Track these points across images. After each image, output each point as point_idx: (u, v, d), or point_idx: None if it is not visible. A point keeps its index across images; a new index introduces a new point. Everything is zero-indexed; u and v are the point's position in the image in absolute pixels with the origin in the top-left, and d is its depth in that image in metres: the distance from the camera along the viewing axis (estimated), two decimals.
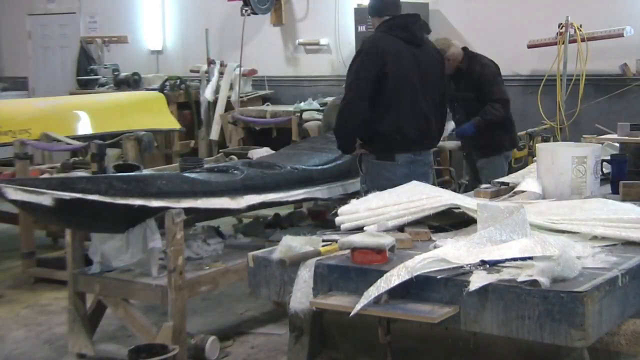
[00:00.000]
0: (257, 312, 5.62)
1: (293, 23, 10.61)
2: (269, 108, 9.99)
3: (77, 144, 7.15)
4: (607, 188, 4.39)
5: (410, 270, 2.87)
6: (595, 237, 3.34)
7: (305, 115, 8.93)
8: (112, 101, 8.92)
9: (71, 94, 11.11)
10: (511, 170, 6.56)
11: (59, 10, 12.84)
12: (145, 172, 5.65)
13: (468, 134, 6.49)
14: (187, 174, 4.97)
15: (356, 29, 9.36)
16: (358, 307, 2.86)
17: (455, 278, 2.86)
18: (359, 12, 9.37)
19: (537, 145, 4.53)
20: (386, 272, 2.92)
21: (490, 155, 6.55)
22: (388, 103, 5.02)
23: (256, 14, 10.09)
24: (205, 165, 5.70)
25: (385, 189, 3.93)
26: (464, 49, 6.65)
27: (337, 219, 3.73)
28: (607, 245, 3.27)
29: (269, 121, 9.40)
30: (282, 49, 10.76)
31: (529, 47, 8.40)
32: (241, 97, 10.16)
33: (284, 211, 6.36)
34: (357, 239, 3.18)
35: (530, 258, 2.87)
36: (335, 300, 3.02)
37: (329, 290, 3.11)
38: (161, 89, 10.02)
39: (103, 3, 12.33)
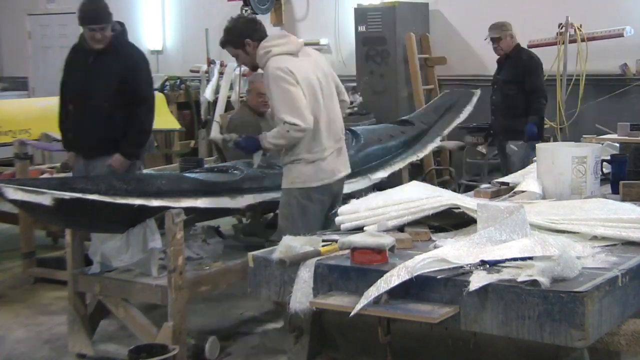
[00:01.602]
0: (257, 312, 5.62)
1: (293, 23, 10.61)
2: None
3: None
4: (607, 188, 4.38)
5: (410, 270, 2.87)
6: (595, 237, 3.34)
7: None
8: None
9: None
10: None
11: (59, 10, 12.83)
12: (145, 172, 5.65)
13: (533, 134, 7.06)
14: (187, 174, 4.97)
15: (356, 29, 9.36)
16: (358, 307, 2.86)
17: (455, 278, 2.86)
18: (359, 12, 9.37)
19: (537, 145, 4.54)
20: (386, 272, 2.92)
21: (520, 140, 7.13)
22: None
23: (256, 14, 10.08)
24: (205, 165, 5.70)
25: None
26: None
27: (337, 219, 3.73)
28: (607, 245, 3.27)
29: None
30: None
31: (529, 47, 8.39)
32: (241, 97, 10.15)
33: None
34: (357, 239, 3.18)
35: (530, 258, 2.87)
36: (335, 300, 3.02)
37: (329, 290, 3.11)
38: (161, 89, 10.01)
39: None
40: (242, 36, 4.75)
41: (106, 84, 5.27)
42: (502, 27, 7.36)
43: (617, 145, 5.37)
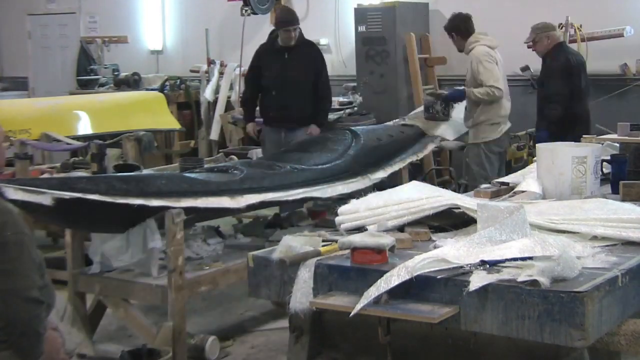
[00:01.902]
0: (257, 312, 5.62)
1: None
2: None
3: (77, 144, 7.15)
4: (607, 188, 4.38)
5: (410, 270, 2.87)
6: (595, 237, 3.34)
7: None
8: (112, 101, 8.92)
9: (71, 94, 11.10)
10: (511, 170, 6.56)
11: (59, 10, 12.84)
12: (145, 172, 5.65)
13: (544, 140, 6.24)
14: (187, 174, 4.96)
15: (356, 29, 9.35)
16: (358, 307, 2.86)
17: (455, 278, 2.86)
18: (359, 12, 9.37)
19: (537, 145, 4.53)
20: (386, 272, 2.92)
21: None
22: None
23: (256, 14, 10.09)
24: (205, 165, 5.70)
25: None
26: (561, 43, 7.25)
27: (337, 219, 3.72)
28: (607, 245, 3.27)
29: None
30: None
31: (529, 47, 8.39)
32: (241, 97, 10.15)
33: (284, 211, 6.36)
34: (357, 239, 3.18)
35: (530, 258, 2.87)
36: (335, 300, 3.02)
37: (329, 290, 3.11)
38: (161, 89, 10.01)
39: (103, 3, 12.33)
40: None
41: (306, 72, 6.89)
42: (537, 29, 7.12)
43: (617, 145, 5.36)
